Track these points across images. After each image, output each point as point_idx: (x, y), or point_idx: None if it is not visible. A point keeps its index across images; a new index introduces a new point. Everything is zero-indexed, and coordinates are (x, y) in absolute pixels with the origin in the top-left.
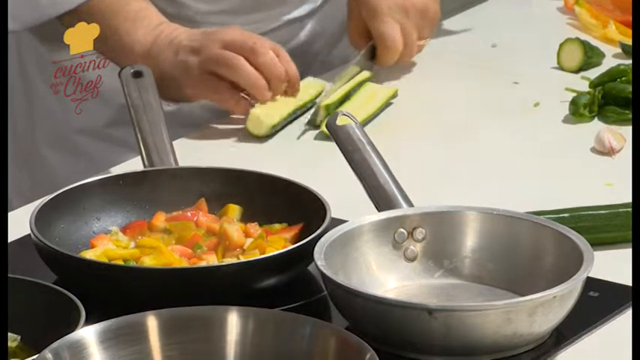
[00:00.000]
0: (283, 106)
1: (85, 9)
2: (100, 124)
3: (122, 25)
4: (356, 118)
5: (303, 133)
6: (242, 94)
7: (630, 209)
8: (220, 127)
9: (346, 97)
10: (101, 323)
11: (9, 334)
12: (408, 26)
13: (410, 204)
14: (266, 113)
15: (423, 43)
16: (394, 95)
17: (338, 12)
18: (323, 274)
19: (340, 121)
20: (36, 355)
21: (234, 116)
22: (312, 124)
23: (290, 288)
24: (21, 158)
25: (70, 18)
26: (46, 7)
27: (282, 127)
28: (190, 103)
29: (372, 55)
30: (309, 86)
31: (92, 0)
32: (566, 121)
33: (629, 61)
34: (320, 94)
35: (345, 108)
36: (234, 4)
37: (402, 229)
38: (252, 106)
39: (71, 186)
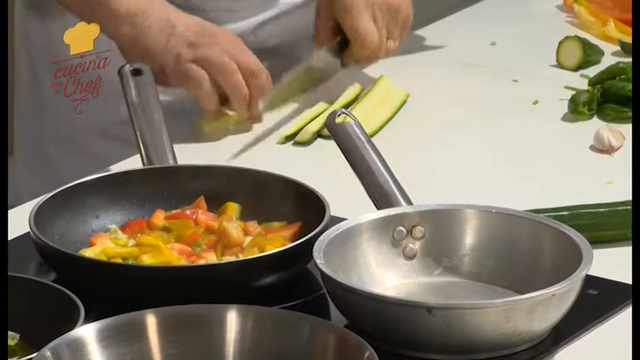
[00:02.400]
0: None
1: None
2: (108, 123)
3: None
4: (367, 127)
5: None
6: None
7: (630, 207)
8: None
9: None
10: (100, 321)
11: (8, 332)
12: (378, 24)
13: (409, 202)
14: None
15: (392, 46)
16: (405, 100)
17: None
18: (322, 273)
19: (339, 119)
20: (35, 354)
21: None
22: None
23: (289, 286)
24: (31, 158)
25: None
26: None
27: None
28: (164, 87)
29: (339, 51)
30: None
31: None
32: (565, 119)
33: (629, 59)
34: (357, 97)
35: (358, 110)
36: None
37: (401, 227)
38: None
39: (70, 184)
